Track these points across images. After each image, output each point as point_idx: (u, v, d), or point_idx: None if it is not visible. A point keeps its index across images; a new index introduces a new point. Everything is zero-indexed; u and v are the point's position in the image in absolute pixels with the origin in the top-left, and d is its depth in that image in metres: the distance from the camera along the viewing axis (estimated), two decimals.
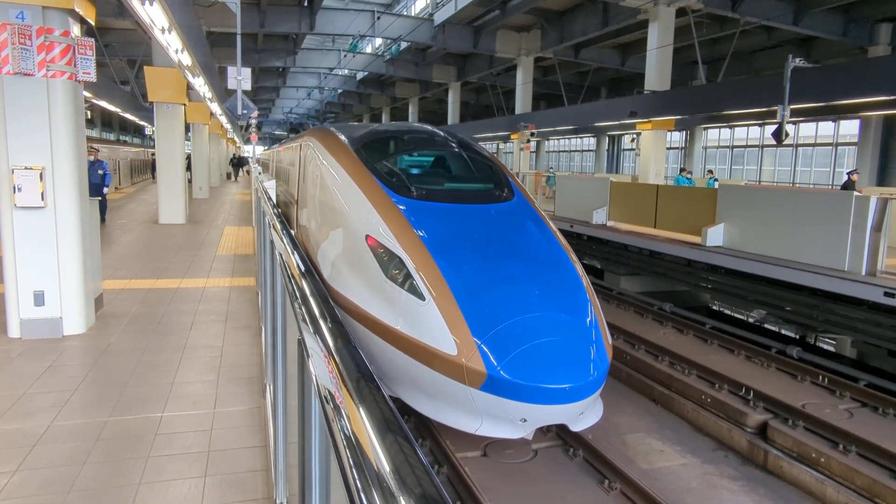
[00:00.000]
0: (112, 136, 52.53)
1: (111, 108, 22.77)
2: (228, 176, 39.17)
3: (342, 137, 6.66)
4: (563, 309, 4.64)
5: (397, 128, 7.34)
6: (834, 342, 10.05)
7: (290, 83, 41.32)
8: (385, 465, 0.71)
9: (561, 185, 15.19)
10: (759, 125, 25.08)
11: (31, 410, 4.02)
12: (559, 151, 43.52)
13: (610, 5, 19.47)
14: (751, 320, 10.77)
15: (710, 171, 20.05)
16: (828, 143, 23.09)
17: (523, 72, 26.08)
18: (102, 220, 12.67)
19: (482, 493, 4.47)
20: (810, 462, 5.32)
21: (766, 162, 25.79)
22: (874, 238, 7.47)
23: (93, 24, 5.95)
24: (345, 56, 30.61)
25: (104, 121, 48.79)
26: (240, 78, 11.26)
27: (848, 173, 13.33)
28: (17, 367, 4.80)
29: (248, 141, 45.57)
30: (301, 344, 1.44)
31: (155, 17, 7.33)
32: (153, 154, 23.45)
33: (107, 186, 12.69)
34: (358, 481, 0.73)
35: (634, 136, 22.70)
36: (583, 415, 4.70)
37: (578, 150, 41.25)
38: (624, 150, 35.79)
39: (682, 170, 18.12)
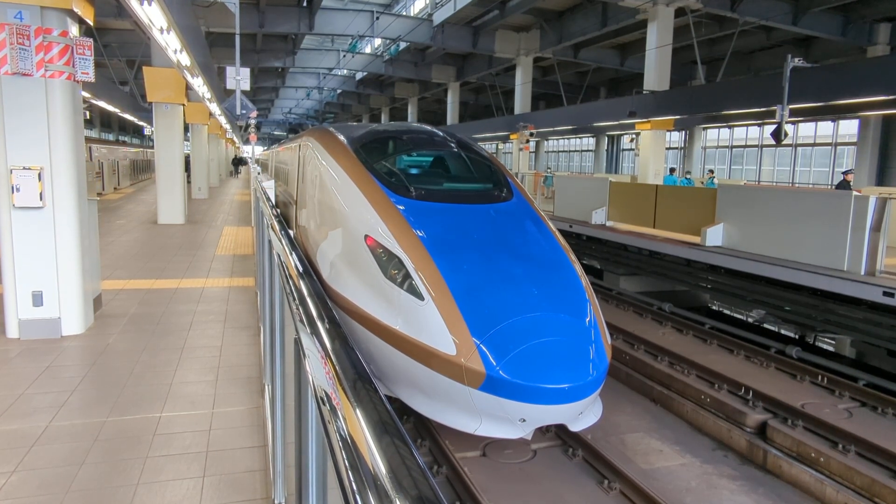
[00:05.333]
0: (111, 137, 52.53)
1: (110, 108, 22.76)
2: (231, 173, 44.12)
3: (341, 137, 6.66)
4: (562, 309, 4.64)
5: (396, 128, 7.34)
6: (833, 342, 10.05)
7: (289, 83, 41.34)
8: (381, 467, 0.71)
9: (560, 185, 15.19)
10: (759, 125, 25.11)
11: (29, 411, 4.02)
12: (558, 151, 43.54)
13: (609, 5, 19.48)
14: (750, 320, 10.77)
15: (711, 171, 20.09)
16: (827, 143, 23.11)
17: (522, 72, 26.09)
18: None
19: (481, 493, 4.47)
20: (809, 462, 5.32)
21: (765, 162, 25.82)
22: (873, 238, 7.47)
23: (91, 24, 5.94)
24: (344, 56, 30.63)
25: (103, 121, 48.80)
26: (239, 78, 11.24)
27: (843, 173, 13.34)
28: (15, 367, 4.80)
29: (247, 141, 46.34)
30: (298, 344, 1.44)
31: (153, 18, 7.32)
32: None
33: None
34: (353, 483, 0.72)
35: (633, 136, 22.75)
36: (582, 415, 4.70)
37: (578, 150, 41.26)
38: (623, 150, 35.82)
39: (671, 169, 18.25)
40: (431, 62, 31.05)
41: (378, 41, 29.54)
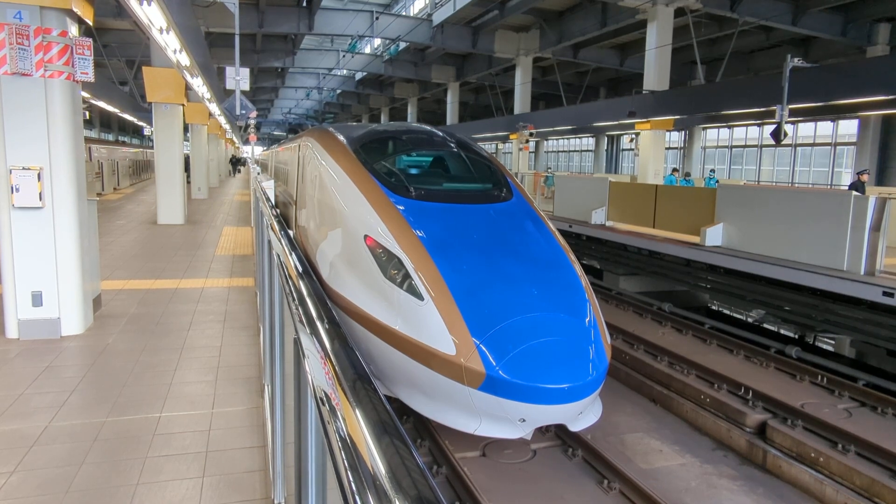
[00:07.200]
0: (111, 137, 52.53)
1: (110, 108, 22.75)
2: (230, 172, 45.60)
3: (341, 138, 6.66)
4: (561, 309, 4.64)
5: (396, 128, 7.34)
6: (833, 342, 10.06)
7: (288, 83, 41.34)
8: (381, 468, 0.71)
9: (560, 185, 15.19)
10: (758, 125, 25.11)
11: (28, 411, 4.01)
12: (558, 151, 43.54)
13: (608, 5, 19.48)
14: (750, 320, 10.77)
15: (712, 171, 20.07)
16: (826, 143, 23.12)
17: (522, 72, 26.09)
18: None
19: (481, 493, 4.46)
20: (809, 462, 5.32)
21: (764, 162, 25.82)
22: (873, 238, 7.47)
23: (91, 24, 5.93)
24: (343, 56, 30.62)
25: (103, 121, 48.79)
26: (238, 78, 11.23)
27: (857, 173, 13.17)
28: (15, 367, 4.79)
29: (246, 141, 46.96)
30: (297, 344, 1.43)
31: (153, 18, 7.32)
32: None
33: None
34: (353, 484, 0.72)
35: (633, 136, 22.75)
36: (582, 415, 4.70)
37: (577, 151, 41.26)
38: (623, 150, 35.82)
39: (674, 170, 18.30)
40: (431, 62, 31.05)
41: (378, 41, 29.54)
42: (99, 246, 6.78)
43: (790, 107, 13.46)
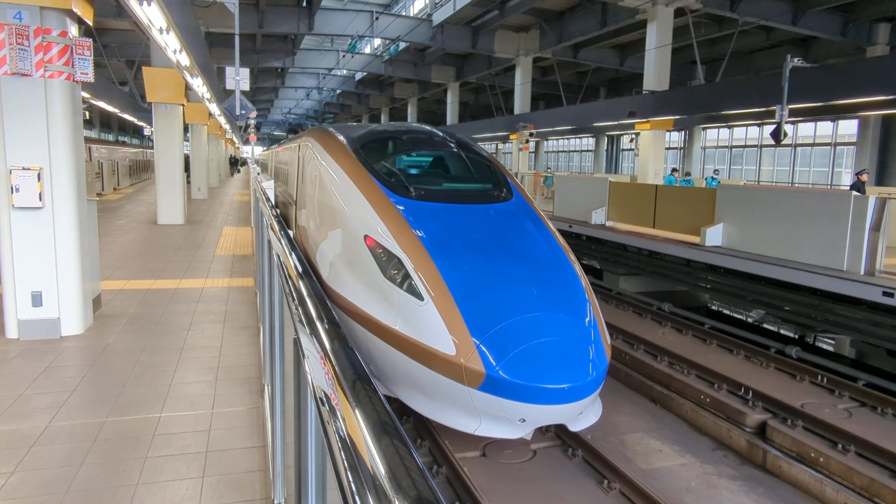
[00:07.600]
0: (111, 137, 52.57)
1: (110, 108, 22.75)
2: (231, 172, 46.79)
3: (341, 138, 6.66)
4: (561, 309, 4.64)
5: (396, 128, 7.34)
6: (833, 342, 10.06)
7: (288, 83, 41.37)
8: (380, 468, 0.71)
9: (560, 185, 15.18)
10: (758, 125, 25.11)
11: (28, 411, 4.01)
12: (558, 152, 43.55)
13: (608, 5, 19.49)
14: (750, 320, 10.77)
15: (716, 171, 20.06)
16: (826, 143, 23.12)
17: (522, 72, 26.09)
18: None
19: (481, 493, 4.46)
20: (809, 462, 5.32)
21: (764, 162, 25.82)
22: (873, 238, 7.46)
23: (91, 24, 5.94)
24: (343, 56, 30.63)
25: (103, 121, 48.82)
26: (238, 78, 11.24)
27: (857, 174, 13.17)
28: (14, 367, 4.79)
29: (246, 141, 47.32)
30: (297, 345, 1.43)
31: (153, 18, 7.32)
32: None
33: None
34: (353, 484, 0.72)
35: (633, 136, 22.75)
36: (582, 415, 4.70)
37: (577, 151, 41.27)
38: (623, 150, 35.83)
39: (673, 170, 18.32)
40: (431, 62, 31.05)
41: (378, 41, 29.55)
42: (99, 246, 6.78)
43: (790, 107, 13.47)
